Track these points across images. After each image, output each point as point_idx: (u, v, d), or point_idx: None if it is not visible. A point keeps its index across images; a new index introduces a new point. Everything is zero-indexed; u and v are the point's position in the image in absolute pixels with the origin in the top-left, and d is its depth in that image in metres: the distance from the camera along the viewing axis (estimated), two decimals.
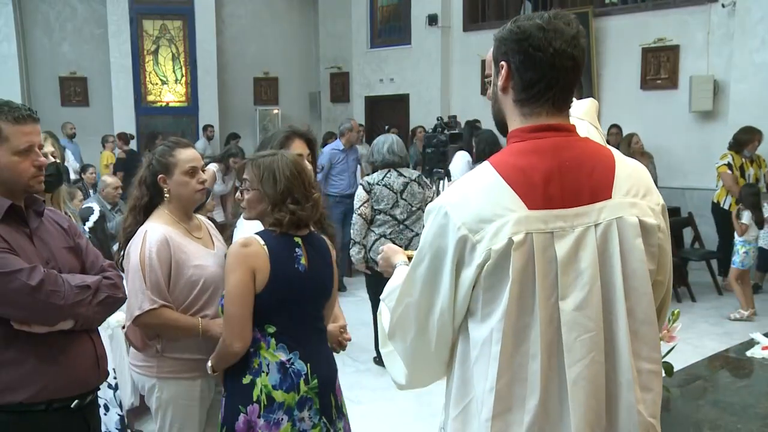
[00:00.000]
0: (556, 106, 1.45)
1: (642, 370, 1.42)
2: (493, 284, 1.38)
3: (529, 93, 1.44)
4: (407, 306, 1.50)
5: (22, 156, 1.95)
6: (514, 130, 1.48)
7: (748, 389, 2.59)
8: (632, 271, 1.40)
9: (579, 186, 1.40)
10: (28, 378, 1.91)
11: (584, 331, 1.37)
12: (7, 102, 1.97)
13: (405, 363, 1.57)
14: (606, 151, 1.49)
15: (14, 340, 1.90)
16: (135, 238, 2.48)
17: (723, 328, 5.96)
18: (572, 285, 1.37)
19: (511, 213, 1.36)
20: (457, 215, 1.39)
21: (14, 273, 1.86)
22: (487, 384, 1.39)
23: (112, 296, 2.07)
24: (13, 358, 1.90)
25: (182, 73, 11.93)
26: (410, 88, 10.98)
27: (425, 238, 1.45)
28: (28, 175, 1.97)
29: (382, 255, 2.07)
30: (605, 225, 1.39)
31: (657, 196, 1.48)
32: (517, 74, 1.44)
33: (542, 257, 1.37)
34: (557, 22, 1.42)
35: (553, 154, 1.41)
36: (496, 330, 1.37)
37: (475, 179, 1.44)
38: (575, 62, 1.43)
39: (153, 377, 2.50)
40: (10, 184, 1.96)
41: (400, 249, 2.07)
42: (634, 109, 8.49)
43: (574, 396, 1.36)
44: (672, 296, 1.63)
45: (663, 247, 1.47)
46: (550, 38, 1.40)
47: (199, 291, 2.48)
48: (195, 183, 2.54)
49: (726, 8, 7.71)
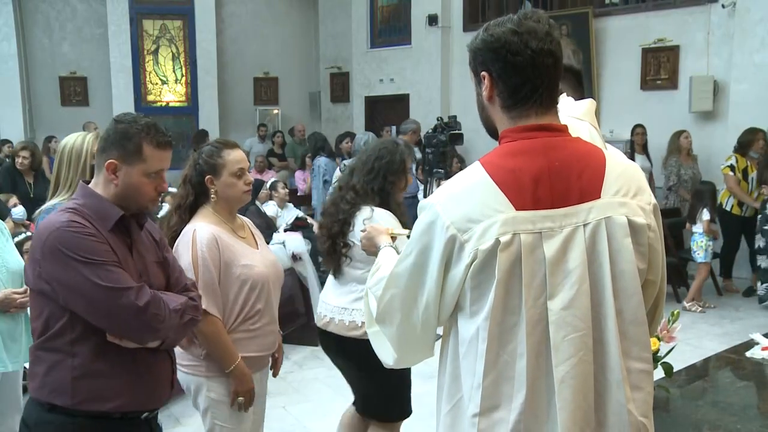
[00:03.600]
0: (544, 105, 1.46)
1: (632, 369, 1.42)
2: (479, 283, 1.39)
3: (516, 98, 1.45)
4: (393, 296, 1.53)
5: (150, 179, 2.00)
6: (505, 130, 1.48)
7: (747, 389, 2.59)
8: (621, 272, 1.41)
9: (568, 186, 1.41)
10: (116, 391, 1.96)
11: (572, 331, 1.37)
12: (155, 124, 2.02)
13: (393, 346, 1.59)
14: (597, 150, 1.49)
15: (106, 352, 1.94)
16: (183, 237, 2.49)
17: (722, 329, 5.97)
18: (561, 285, 1.38)
19: (499, 214, 1.38)
20: (446, 214, 1.40)
21: (124, 290, 1.88)
22: (474, 381, 1.40)
23: (194, 318, 2.09)
24: (103, 369, 1.94)
25: (182, 73, 11.92)
26: (410, 88, 10.97)
27: (414, 233, 1.47)
28: (149, 198, 2.04)
29: (365, 234, 2.09)
30: (594, 225, 1.40)
31: (648, 195, 1.48)
32: (501, 81, 1.45)
33: (530, 257, 1.37)
34: (528, 22, 1.42)
35: (543, 155, 1.42)
36: (482, 328, 1.39)
37: (465, 179, 1.45)
38: (555, 58, 1.44)
39: (201, 377, 2.49)
40: (130, 200, 2.01)
41: (384, 229, 2.10)
42: (634, 110, 8.48)
43: (561, 395, 1.36)
44: (672, 296, 1.63)
45: (654, 246, 1.47)
46: (525, 40, 1.40)
47: (249, 290, 2.49)
48: (242, 184, 2.56)
49: (726, 8, 7.70)
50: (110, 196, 1.99)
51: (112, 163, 1.96)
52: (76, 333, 1.91)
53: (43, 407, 1.94)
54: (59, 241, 1.86)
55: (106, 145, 1.98)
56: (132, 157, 1.96)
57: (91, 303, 1.87)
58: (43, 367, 1.94)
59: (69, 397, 1.91)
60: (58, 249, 1.86)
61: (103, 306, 1.87)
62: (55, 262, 1.87)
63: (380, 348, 1.64)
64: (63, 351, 1.92)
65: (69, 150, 2.90)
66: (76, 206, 1.96)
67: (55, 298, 1.89)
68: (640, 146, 7.97)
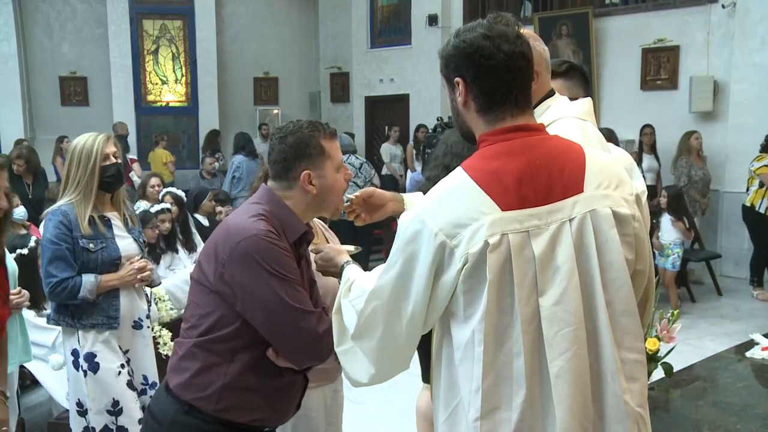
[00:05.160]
0: (519, 106, 1.47)
1: (626, 360, 1.43)
2: (472, 287, 1.39)
3: (491, 101, 1.46)
4: (375, 308, 1.51)
5: (339, 172, 2.00)
6: (483, 134, 1.49)
7: (747, 389, 2.59)
8: (608, 263, 1.42)
9: (551, 183, 1.42)
10: (257, 405, 1.93)
11: (565, 325, 1.38)
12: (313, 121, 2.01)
13: (371, 360, 1.57)
14: (576, 146, 1.51)
15: (259, 365, 1.91)
16: None
17: (722, 329, 5.97)
18: (551, 281, 1.39)
19: (485, 216, 1.38)
20: (433, 221, 1.40)
21: (308, 313, 1.87)
22: (473, 385, 1.40)
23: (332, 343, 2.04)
24: (252, 382, 1.91)
25: (182, 73, 11.92)
26: (410, 88, 10.97)
27: (398, 244, 1.46)
28: (344, 190, 2.02)
29: (321, 255, 2.01)
30: (579, 219, 1.41)
31: (630, 186, 1.50)
32: (475, 86, 1.46)
33: (520, 257, 1.38)
34: (498, 26, 1.45)
35: (523, 154, 1.43)
36: (477, 331, 1.38)
37: (449, 185, 1.45)
38: (526, 59, 1.46)
39: None
40: (327, 202, 1.99)
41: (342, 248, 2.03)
42: (634, 110, 8.48)
43: (558, 390, 1.37)
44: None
45: (639, 236, 1.48)
46: (497, 44, 1.42)
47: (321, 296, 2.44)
48: None
49: (726, 9, 7.71)
50: (305, 205, 1.97)
51: (307, 174, 1.93)
52: (242, 342, 1.87)
53: (181, 407, 1.90)
54: (254, 249, 1.81)
55: (287, 164, 1.94)
56: (319, 159, 1.94)
57: (272, 317, 1.84)
58: (197, 365, 1.89)
59: (213, 403, 1.88)
60: (251, 256, 1.81)
61: (283, 324, 1.84)
62: (245, 269, 1.82)
63: (352, 366, 1.61)
64: (222, 356, 1.88)
65: (79, 150, 2.90)
66: (266, 213, 1.91)
67: (233, 302, 1.84)
68: (648, 146, 7.89)
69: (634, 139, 8.25)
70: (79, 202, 2.91)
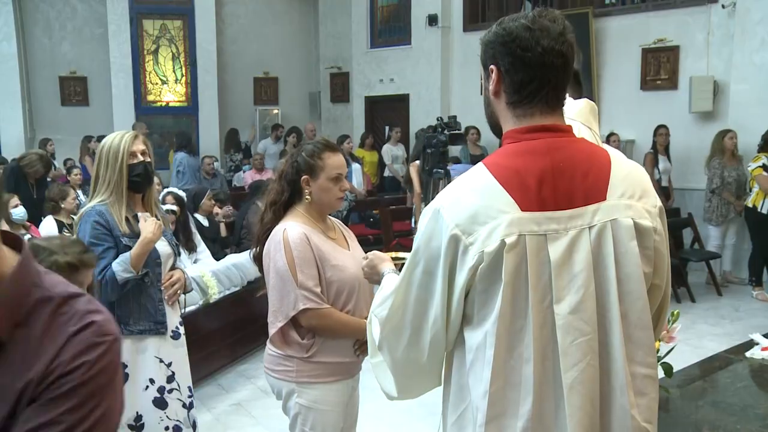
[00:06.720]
0: (550, 105, 1.43)
1: (636, 374, 1.40)
2: (486, 287, 1.36)
3: (521, 94, 1.42)
4: (401, 312, 1.48)
5: None
6: (509, 131, 1.46)
7: (747, 389, 2.59)
8: (626, 275, 1.38)
9: (573, 188, 1.38)
10: None
11: (580, 335, 1.35)
12: None
13: (394, 374, 1.55)
14: (602, 152, 1.47)
15: None
16: (274, 237, 2.45)
17: (722, 329, 5.97)
18: (566, 288, 1.35)
19: (504, 215, 1.35)
20: (450, 216, 1.37)
21: None
22: (481, 388, 1.37)
23: None
24: None
25: (182, 72, 11.91)
26: (410, 88, 10.97)
27: (419, 241, 1.44)
28: None
29: (367, 263, 2.03)
30: (599, 227, 1.38)
31: (654, 198, 1.46)
32: (508, 77, 1.42)
33: (535, 259, 1.35)
34: (543, 20, 1.41)
35: (547, 155, 1.39)
36: (490, 334, 1.36)
37: (469, 181, 1.42)
38: (565, 59, 1.42)
39: (292, 382, 2.45)
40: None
41: (387, 256, 2.03)
42: (634, 110, 8.49)
43: (571, 401, 1.34)
44: (672, 297, 1.62)
45: (659, 249, 1.44)
46: (537, 37, 1.39)
47: (337, 292, 2.45)
48: (337, 190, 2.51)
49: (726, 9, 7.70)
50: None
51: None
52: None
53: None
54: None
55: None
56: None
57: None
58: None
59: None
60: None
61: None
62: None
63: (383, 378, 1.60)
64: None
65: (106, 150, 2.83)
66: None
67: None
68: (662, 147, 7.80)
69: (634, 139, 8.25)
70: (112, 202, 2.81)
